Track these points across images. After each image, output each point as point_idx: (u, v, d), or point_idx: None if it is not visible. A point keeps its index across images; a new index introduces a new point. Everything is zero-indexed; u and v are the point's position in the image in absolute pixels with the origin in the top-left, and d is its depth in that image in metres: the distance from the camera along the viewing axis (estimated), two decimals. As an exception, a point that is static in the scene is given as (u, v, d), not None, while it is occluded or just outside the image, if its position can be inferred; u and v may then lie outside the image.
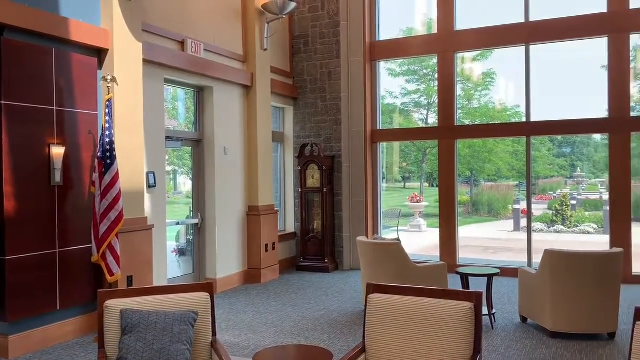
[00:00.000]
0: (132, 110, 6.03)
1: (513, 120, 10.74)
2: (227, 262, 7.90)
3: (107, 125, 5.45)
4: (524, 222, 9.50)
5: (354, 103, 9.41)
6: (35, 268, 5.14)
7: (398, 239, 6.30)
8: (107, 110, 5.49)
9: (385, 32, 9.72)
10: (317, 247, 9.22)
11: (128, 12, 5.95)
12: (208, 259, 7.72)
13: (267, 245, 8.42)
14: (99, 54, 5.84)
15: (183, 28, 7.16)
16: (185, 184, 8.31)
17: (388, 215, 12.48)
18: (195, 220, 7.70)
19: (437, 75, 9.23)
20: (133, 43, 6.03)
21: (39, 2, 5.19)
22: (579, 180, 15.19)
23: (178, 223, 7.72)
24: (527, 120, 8.68)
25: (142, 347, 2.96)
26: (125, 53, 5.94)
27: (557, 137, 13.91)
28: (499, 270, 6.20)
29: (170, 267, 7.15)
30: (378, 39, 9.64)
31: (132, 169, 5.99)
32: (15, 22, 4.93)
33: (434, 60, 9.50)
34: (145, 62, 6.31)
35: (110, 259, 5.46)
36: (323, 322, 6.13)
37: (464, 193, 14.53)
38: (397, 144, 13.35)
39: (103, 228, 5.41)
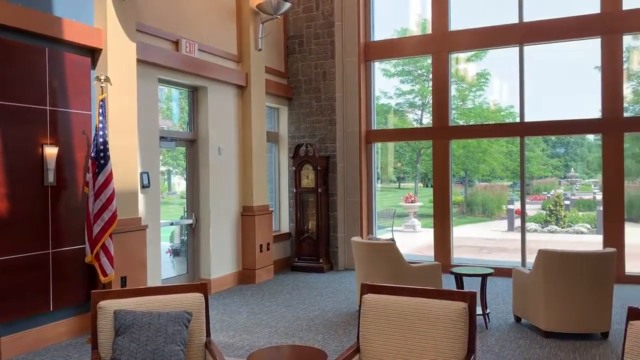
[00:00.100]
0: (126, 110, 6.01)
1: (507, 121, 10.77)
2: (221, 262, 7.88)
3: (100, 125, 5.43)
4: (518, 222, 9.55)
5: (349, 103, 9.42)
6: (28, 269, 5.11)
7: (392, 239, 6.30)
8: (100, 110, 5.46)
9: (380, 32, 9.74)
10: (311, 247, 9.22)
11: (122, 11, 5.93)
12: (202, 260, 7.71)
13: (261, 246, 8.41)
14: (93, 54, 5.82)
15: (177, 28, 7.14)
16: (180, 184, 8.29)
17: (382, 216, 12.49)
18: (190, 221, 7.68)
19: (431, 76, 9.26)
20: (127, 43, 6.01)
21: (32, 1, 5.16)
22: (573, 181, 15.26)
23: (172, 223, 7.70)
24: (521, 121, 8.71)
25: (135, 347, 2.94)
26: (119, 53, 5.92)
27: (550, 137, 13.97)
28: (493, 271, 6.21)
29: (165, 267, 7.13)
30: (372, 40, 9.65)
31: (125, 169, 5.97)
32: (8, 21, 4.90)
33: (428, 61, 9.52)
34: (139, 62, 6.29)
35: (104, 260, 5.44)
36: (317, 322, 6.12)
37: (458, 193, 14.56)
38: (391, 145, 13.36)
39: (97, 228, 5.38)
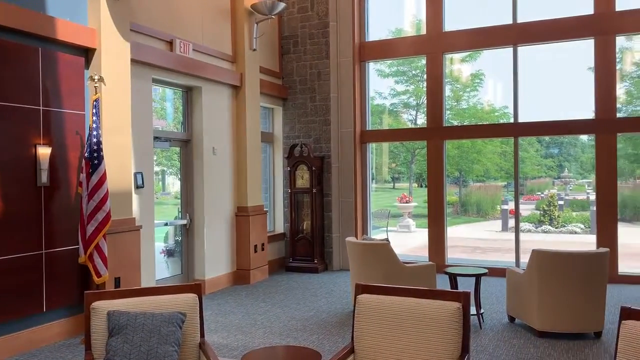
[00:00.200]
0: (119, 110, 5.99)
1: (501, 121, 10.80)
2: (215, 263, 7.87)
3: (94, 126, 5.40)
4: (512, 222, 9.58)
5: (343, 104, 9.42)
6: (21, 269, 5.08)
7: (387, 240, 6.30)
8: (94, 110, 5.44)
9: (374, 32, 9.75)
10: (306, 247, 9.22)
11: (115, 11, 5.91)
12: (197, 260, 7.69)
13: (256, 246, 8.40)
14: (86, 54, 5.80)
15: (171, 28, 7.13)
16: (174, 185, 8.27)
17: (377, 216, 12.50)
18: (184, 221, 7.66)
19: (425, 76, 9.27)
20: (121, 42, 5.99)
21: (25, 1, 5.14)
22: (567, 181, 15.32)
23: (166, 224, 7.68)
24: (514, 121, 8.74)
25: (129, 348, 2.93)
26: (113, 52, 5.90)
27: (544, 137, 14.03)
28: (487, 270, 6.22)
29: (159, 268, 7.11)
30: (367, 40, 9.66)
31: (119, 170, 5.95)
32: (1, 21, 4.87)
33: (423, 61, 9.53)
34: (133, 61, 6.27)
35: (98, 260, 5.42)
36: (312, 322, 6.12)
37: (453, 193, 14.59)
38: (386, 145, 13.38)
39: (90, 229, 5.36)
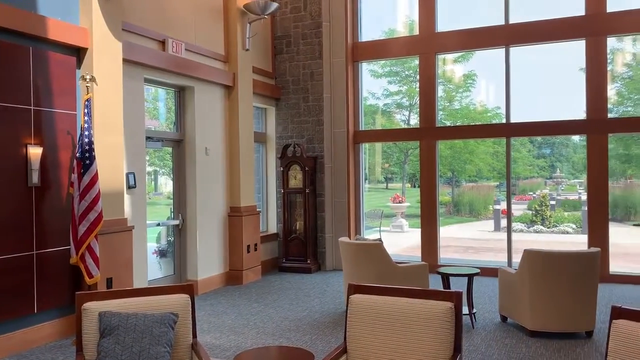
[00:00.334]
0: (111, 110, 5.96)
1: (493, 122, 10.85)
2: (208, 263, 7.85)
3: (86, 125, 5.38)
4: (504, 222, 9.61)
5: (337, 104, 9.43)
6: (12, 270, 5.05)
7: (380, 240, 6.31)
8: (86, 110, 5.41)
9: (367, 33, 9.76)
10: (299, 248, 9.21)
11: (107, 11, 5.88)
12: (189, 261, 7.67)
13: (249, 246, 8.39)
14: (78, 53, 5.77)
15: (164, 27, 7.10)
16: (167, 185, 8.24)
17: (370, 216, 12.52)
18: (176, 222, 7.64)
19: (418, 77, 9.29)
20: (112, 42, 5.96)
21: (16, 0, 5.11)
22: (558, 181, 15.42)
23: (159, 224, 7.65)
24: (507, 122, 8.77)
25: (120, 349, 2.92)
26: (105, 52, 5.87)
27: (536, 138, 14.11)
28: (479, 270, 6.24)
29: (151, 268, 7.08)
30: (360, 40, 9.67)
31: (111, 170, 5.92)
32: (-9, 20, 4.84)
33: (416, 62, 9.55)
34: (125, 61, 6.24)
35: (90, 261, 5.39)
36: (305, 323, 6.12)
37: (446, 194, 14.64)
38: (379, 145, 13.40)
39: (82, 229, 5.33)
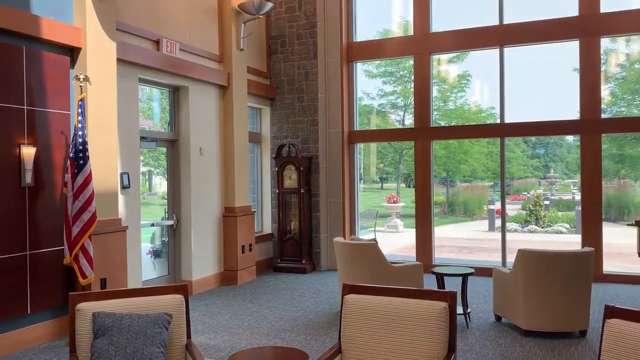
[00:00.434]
0: (105, 110, 5.94)
1: (488, 122, 10.88)
2: (203, 263, 7.83)
3: (79, 125, 5.36)
4: (499, 222, 9.63)
5: (331, 104, 9.43)
6: (5, 271, 5.02)
7: (375, 240, 6.32)
8: (79, 110, 5.39)
9: (362, 33, 9.77)
10: (294, 248, 9.20)
11: (101, 10, 5.86)
12: (183, 261, 7.65)
13: (243, 247, 8.38)
14: (72, 53, 5.74)
15: (158, 27, 7.08)
16: (161, 185, 8.21)
17: (365, 216, 12.53)
18: (171, 222, 7.62)
19: (413, 77, 9.30)
20: (106, 42, 5.94)
21: (9, -1, 5.08)
22: (552, 181, 15.47)
23: (153, 224, 7.62)
24: (501, 122, 8.80)
25: (114, 350, 2.91)
26: (99, 52, 5.85)
27: (530, 138, 14.17)
28: (474, 270, 6.26)
29: (145, 269, 7.07)
30: (355, 40, 9.68)
31: (105, 170, 5.90)
32: (-16, 19, 4.82)
33: (410, 62, 9.56)
34: (119, 61, 6.22)
35: (83, 262, 5.37)
36: (299, 323, 6.12)
37: (440, 194, 14.67)
38: (374, 145, 13.41)
39: (76, 230, 5.31)
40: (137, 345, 2.94)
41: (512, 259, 5.92)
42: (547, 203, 14.40)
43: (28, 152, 5.20)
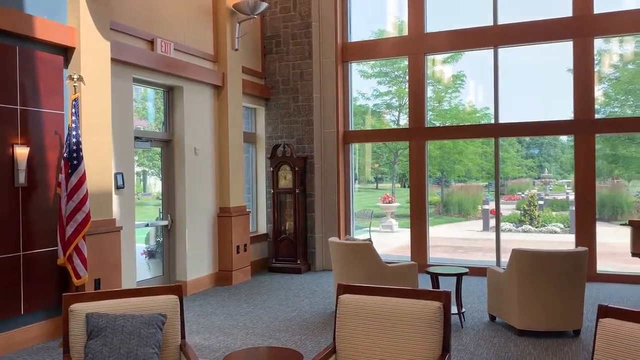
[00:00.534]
0: (99, 110, 5.92)
1: (482, 122, 10.91)
2: (197, 264, 7.82)
3: (73, 125, 5.34)
4: (493, 222, 9.66)
5: (326, 104, 9.43)
6: (-2, 272, 5.00)
7: (370, 240, 6.32)
8: (73, 110, 5.37)
9: (357, 33, 9.77)
10: (289, 248, 9.20)
11: (95, 10, 5.84)
12: (178, 261, 7.63)
13: (238, 247, 8.36)
14: (65, 53, 5.72)
15: (152, 27, 7.06)
16: (155, 185, 8.19)
17: (360, 216, 12.54)
18: (165, 222, 7.60)
19: (408, 77, 9.32)
20: (100, 41, 5.92)
21: (2, -2, 5.06)
22: (547, 181, 15.53)
23: (147, 225, 7.61)
24: (495, 122, 8.82)
25: (108, 351, 2.90)
26: (93, 51, 5.83)
27: (525, 138, 14.21)
28: (468, 270, 6.27)
29: (140, 269, 7.04)
30: (350, 41, 9.68)
31: (99, 170, 5.88)
32: (-23, 18, 4.79)
33: (405, 62, 9.58)
34: (114, 61, 6.20)
35: (77, 262, 5.35)
36: (294, 323, 6.12)
37: (435, 194, 14.69)
38: (369, 145, 13.42)
39: (69, 230, 5.29)
40: (131, 346, 2.93)
41: (506, 259, 5.94)
42: (541, 203, 14.46)
43: (21, 152, 5.18)
